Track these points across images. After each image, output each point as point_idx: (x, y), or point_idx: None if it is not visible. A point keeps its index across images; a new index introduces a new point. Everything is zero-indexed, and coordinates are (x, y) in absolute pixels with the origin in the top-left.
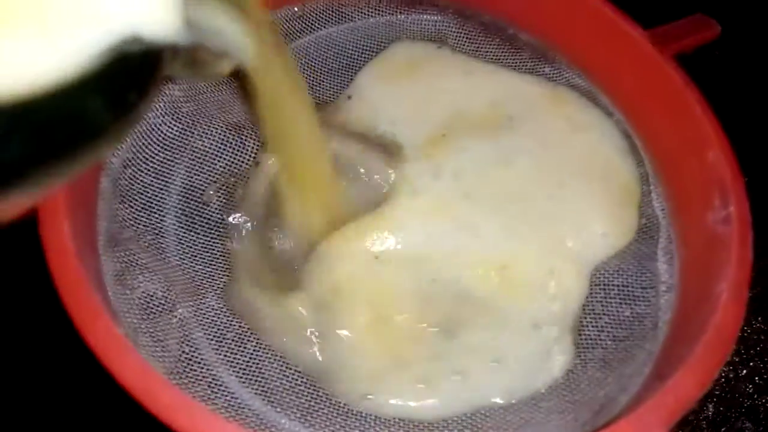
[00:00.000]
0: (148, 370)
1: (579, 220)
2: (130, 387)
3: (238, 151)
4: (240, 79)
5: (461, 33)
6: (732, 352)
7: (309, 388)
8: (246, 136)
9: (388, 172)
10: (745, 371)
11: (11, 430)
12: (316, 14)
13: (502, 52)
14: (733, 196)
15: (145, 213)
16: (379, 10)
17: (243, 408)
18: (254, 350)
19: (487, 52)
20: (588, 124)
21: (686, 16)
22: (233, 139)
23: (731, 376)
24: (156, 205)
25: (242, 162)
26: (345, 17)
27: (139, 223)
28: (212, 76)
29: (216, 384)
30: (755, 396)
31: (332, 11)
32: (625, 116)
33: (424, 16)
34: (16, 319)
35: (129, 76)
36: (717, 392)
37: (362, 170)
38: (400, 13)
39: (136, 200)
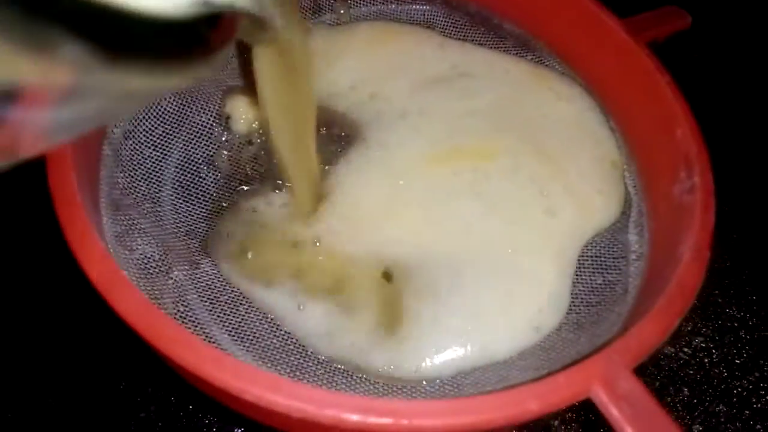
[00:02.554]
0: (151, 307)
1: (572, 189)
2: (134, 323)
3: (232, 126)
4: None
5: (448, 22)
6: (707, 338)
7: (298, 348)
8: (240, 113)
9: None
10: (718, 356)
11: (20, 371)
12: (310, 3)
13: (488, 40)
14: (698, 167)
15: (144, 182)
16: (370, 1)
17: None
18: (246, 312)
19: (473, 39)
20: (572, 95)
21: (659, 7)
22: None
23: (706, 361)
24: (155, 175)
25: (235, 137)
26: (337, 7)
27: (138, 192)
28: (264, 41)
29: (210, 341)
30: (729, 380)
31: (322, 1)
32: (602, 100)
33: (414, 6)
34: (22, 265)
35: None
36: (691, 376)
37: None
38: (391, 3)
39: (137, 170)
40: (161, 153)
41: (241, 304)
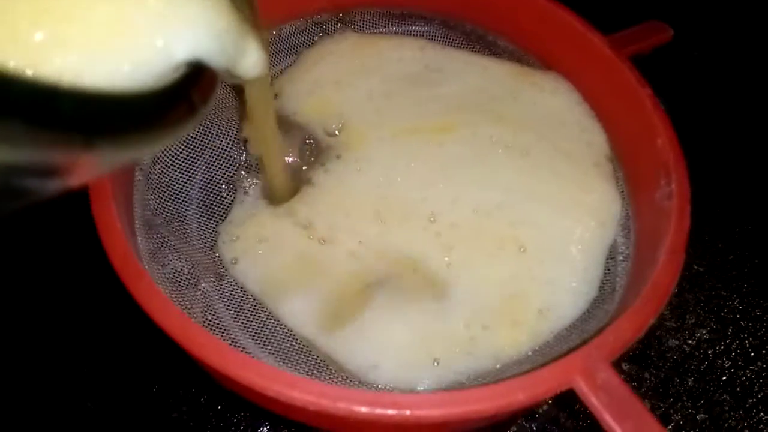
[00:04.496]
0: (185, 317)
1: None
2: (171, 331)
3: (249, 149)
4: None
5: (446, 41)
6: (710, 330)
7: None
8: None
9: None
10: (722, 348)
11: (61, 375)
12: (316, 28)
13: (483, 55)
14: (675, 176)
15: (172, 203)
16: (372, 24)
17: None
18: (267, 318)
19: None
20: (557, 89)
21: (643, 22)
22: (245, 138)
23: (709, 352)
24: (181, 196)
25: (252, 158)
26: (338, 31)
27: (167, 211)
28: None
29: (235, 344)
30: (732, 370)
31: (331, 25)
32: (590, 108)
33: (413, 27)
34: (69, 280)
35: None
36: (696, 367)
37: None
38: (392, 25)
39: (165, 192)
40: (186, 175)
41: (262, 311)
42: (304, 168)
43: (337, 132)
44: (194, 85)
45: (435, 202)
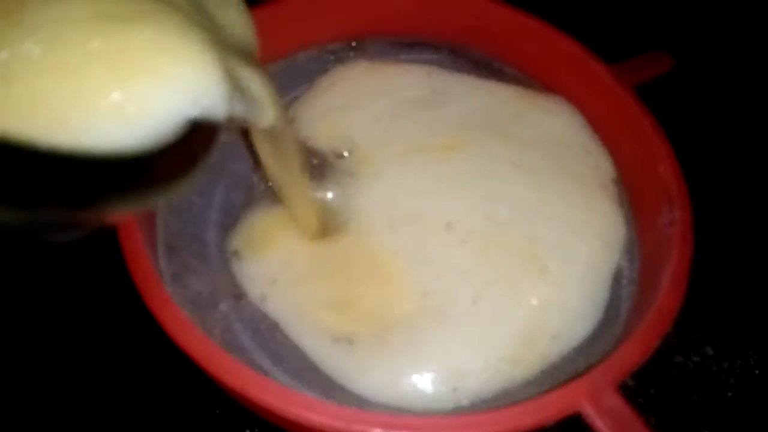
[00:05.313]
0: (209, 342)
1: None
2: (195, 355)
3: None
4: None
5: (453, 68)
6: (716, 347)
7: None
8: None
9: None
10: (727, 364)
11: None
12: (330, 56)
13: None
14: (678, 203)
15: (192, 226)
16: (384, 52)
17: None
18: (283, 339)
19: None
20: (561, 111)
21: (647, 52)
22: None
23: (714, 369)
24: (200, 219)
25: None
26: (351, 59)
27: (187, 234)
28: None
29: (253, 364)
30: (737, 387)
31: (344, 53)
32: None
33: (422, 55)
34: (98, 310)
35: (193, 140)
36: (701, 384)
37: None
38: (402, 53)
39: (185, 215)
40: (205, 199)
41: (278, 331)
42: (317, 191)
43: (346, 153)
44: (192, 142)
45: (453, 214)
